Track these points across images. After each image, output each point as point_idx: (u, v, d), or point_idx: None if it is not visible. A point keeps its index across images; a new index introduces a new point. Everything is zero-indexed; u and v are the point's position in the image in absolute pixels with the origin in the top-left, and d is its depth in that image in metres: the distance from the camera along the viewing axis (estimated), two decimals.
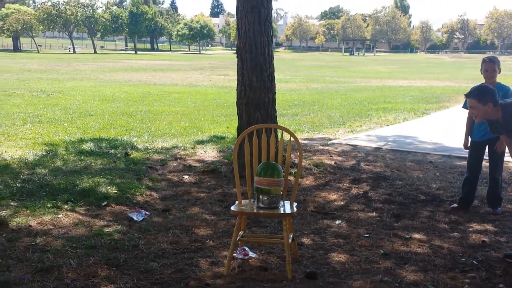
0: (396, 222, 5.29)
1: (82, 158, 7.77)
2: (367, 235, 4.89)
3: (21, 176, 6.62)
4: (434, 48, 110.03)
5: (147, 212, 5.39)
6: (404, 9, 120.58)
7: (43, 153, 8.10)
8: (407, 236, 4.86)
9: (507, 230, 5.10)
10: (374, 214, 5.57)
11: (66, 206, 5.48)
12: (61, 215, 5.21)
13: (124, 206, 5.61)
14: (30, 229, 4.80)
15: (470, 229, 5.14)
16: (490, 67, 5.46)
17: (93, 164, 7.43)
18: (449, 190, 6.51)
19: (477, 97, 4.21)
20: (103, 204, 5.61)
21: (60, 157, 7.89)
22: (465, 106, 5.81)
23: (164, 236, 4.75)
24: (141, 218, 5.21)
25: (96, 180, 6.47)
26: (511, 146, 4.38)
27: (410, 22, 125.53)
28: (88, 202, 5.65)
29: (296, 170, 4.88)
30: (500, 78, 5.61)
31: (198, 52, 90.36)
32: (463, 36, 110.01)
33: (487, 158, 5.76)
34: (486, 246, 4.67)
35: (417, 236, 4.89)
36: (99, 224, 5.04)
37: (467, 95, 4.28)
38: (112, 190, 6.11)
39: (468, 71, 39.02)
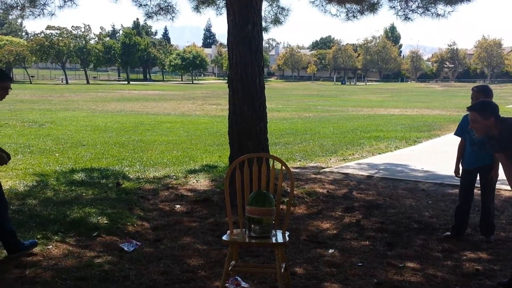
0: (389, 251, 5.27)
1: (73, 188, 7.72)
2: (360, 264, 4.86)
3: (11, 207, 6.54)
4: (424, 77, 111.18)
5: (138, 243, 5.33)
6: (395, 39, 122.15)
7: (34, 184, 8.05)
8: (400, 265, 4.83)
9: (501, 258, 5.08)
10: (367, 242, 5.55)
11: (56, 237, 5.42)
12: (51, 246, 5.15)
13: (115, 237, 5.55)
14: (19, 261, 4.74)
15: (464, 257, 5.12)
16: (475, 96, 5.53)
17: (84, 194, 7.38)
18: (442, 218, 6.50)
19: (478, 110, 4.20)
20: (94, 234, 5.56)
21: (51, 187, 7.84)
22: (456, 133, 5.85)
23: (156, 267, 4.69)
24: (132, 249, 5.15)
25: (86, 211, 6.42)
26: (505, 165, 4.30)
27: (401, 51, 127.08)
28: (79, 232, 5.60)
29: (288, 199, 4.87)
30: None
31: (191, 82, 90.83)
32: (453, 65, 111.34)
33: (479, 186, 5.76)
34: (480, 274, 4.64)
35: (410, 264, 4.86)
36: (89, 255, 4.98)
37: (469, 108, 4.28)
38: (103, 220, 6.06)
39: (458, 100, 39.41)
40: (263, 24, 10.46)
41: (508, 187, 7.94)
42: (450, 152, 6.51)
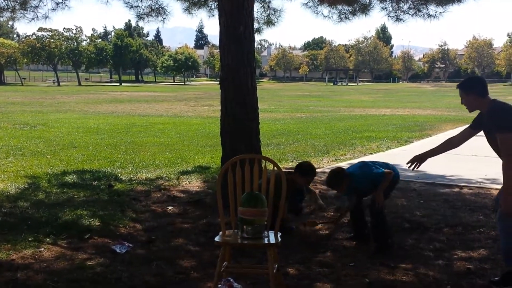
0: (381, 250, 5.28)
1: (64, 190, 7.70)
2: (352, 264, 4.88)
3: (3, 210, 6.53)
4: (415, 77, 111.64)
5: (130, 244, 5.32)
6: (387, 40, 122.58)
7: (25, 186, 8.01)
8: (392, 265, 4.85)
9: (492, 257, 5.11)
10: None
11: (48, 240, 5.41)
12: (42, 249, 5.14)
13: (107, 238, 5.54)
14: (11, 263, 4.72)
15: (455, 256, 5.15)
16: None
17: (76, 196, 7.36)
18: (433, 217, 6.53)
19: (461, 87, 4.37)
20: (86, 236, 5.54)
21: (43, 189, 7.81)
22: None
23: (148, 268, 4.69)
24: (124, 250, 5.14)
25: (78, 213, 6.41)
26: (491, 146, 4.36)
27: (392, 52, 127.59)
28: (71, 234, 5.58)
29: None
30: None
31: (183, 83, 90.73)
32: (444, 65, 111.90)
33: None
34: (471, 273, 4.67)
35: (402, 264, 4.88)
36: (81, 257, 4.96)
37: (457, 85, 4.46)
38: (95, 222, 6.05)
39: (449, 100, 39.57)
40: (256, 25, 10.48)
41: (498, 186, 7.99)
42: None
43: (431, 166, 9.88)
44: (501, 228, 4.34)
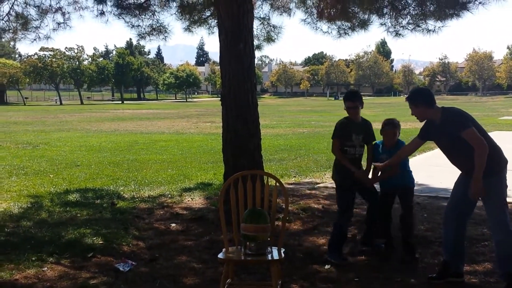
0: (386, 265, 5.26)
1: (67, 209, 7.70)
2: (357, 279, 4.86)
3: (6, 229, 6.53)
4: None
5: (133, 262, 5.31)
6: (386, 54, 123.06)
7: (28, 206, 8.02)
8: (397, 279, 4.83)
9: (496, 270, 5.08)
10: (363, 257, 5.55)
11: (51, 259, 5.40)
12: (46, 268, 5.13)
13: (110, 257, 5.53)
14: (14, 283, 4.71)
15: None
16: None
17: (78, 215, 7.35)
18: (437, 231, 6.50)
19: (409, 100, 4.62)
20: (89, 255, 5.53)
21: (45, 209, 7.81)
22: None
23: (151, 287, 4.67)
24: (127, 269, 5.13)
25: (81, 231, 6.40)
26: (446, 151, 4.67)
27: (392, 66, 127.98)
28: (74, 253, 5.57)
29: (283, 215, 4.88)
30: (486, 119, 5.73)
31: (185, 100, 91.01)
32: (444, 78, 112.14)
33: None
34: (476, 287, 4.64)
35: (407, 278, 4.86)
36: (84, 276, 4.95)
37: (406, 98, 4.68)
38: (98, 241, 6.04)
39: None
40: (256, 42, 10.52)
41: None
42: (443, 165, 6.51)
43: (433, 180, 9.89)
44: (502, 237, 4.37)
